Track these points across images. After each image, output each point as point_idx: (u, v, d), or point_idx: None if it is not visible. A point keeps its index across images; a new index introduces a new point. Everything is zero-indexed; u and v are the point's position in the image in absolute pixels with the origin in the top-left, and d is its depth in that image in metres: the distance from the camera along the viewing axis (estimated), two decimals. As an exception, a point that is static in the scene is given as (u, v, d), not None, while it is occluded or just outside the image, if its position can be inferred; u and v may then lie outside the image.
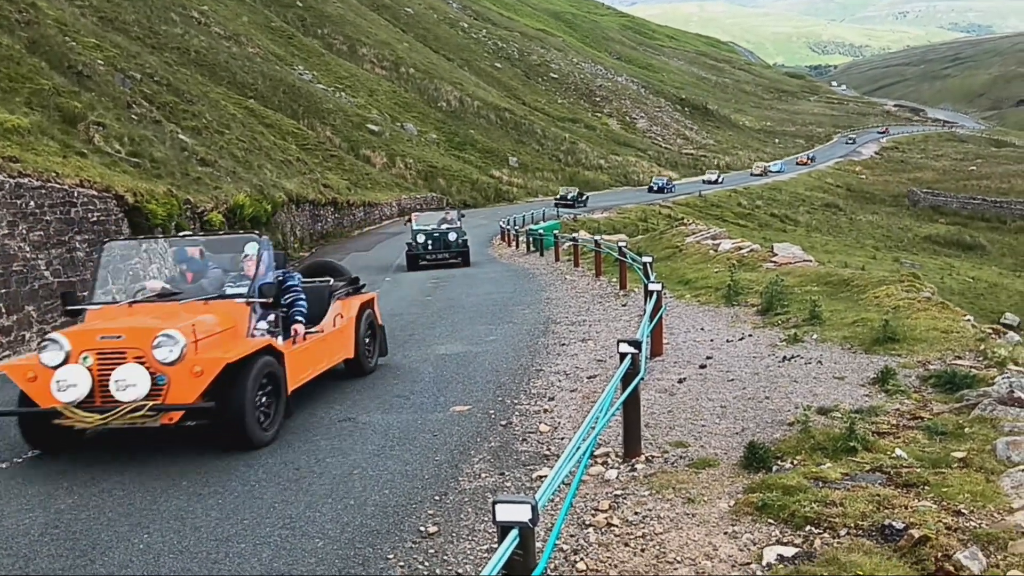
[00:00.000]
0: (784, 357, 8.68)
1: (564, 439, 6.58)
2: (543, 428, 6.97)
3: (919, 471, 5.02)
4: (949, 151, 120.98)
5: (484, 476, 5.92)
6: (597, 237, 21.25)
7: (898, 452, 5.41)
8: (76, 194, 13.97)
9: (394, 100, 70.67)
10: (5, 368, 6.94)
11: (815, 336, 9.48)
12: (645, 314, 8.32)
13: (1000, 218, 71.05)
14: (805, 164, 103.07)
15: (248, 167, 29.87)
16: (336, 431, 7.15)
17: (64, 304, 7.23)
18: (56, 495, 5.88)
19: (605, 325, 11.89)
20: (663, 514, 4.93)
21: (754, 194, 70.90)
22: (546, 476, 4.93)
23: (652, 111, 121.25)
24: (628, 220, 45.74)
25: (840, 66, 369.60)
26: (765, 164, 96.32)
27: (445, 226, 25.07)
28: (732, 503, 4.96)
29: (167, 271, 8.01)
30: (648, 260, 12.13)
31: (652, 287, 9.30)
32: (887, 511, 4.45)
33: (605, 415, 5.07)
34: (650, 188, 68.68)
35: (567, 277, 19.04)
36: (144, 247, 8.21)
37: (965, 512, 4.39)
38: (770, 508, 4.71)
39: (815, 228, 62.28)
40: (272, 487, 5.85)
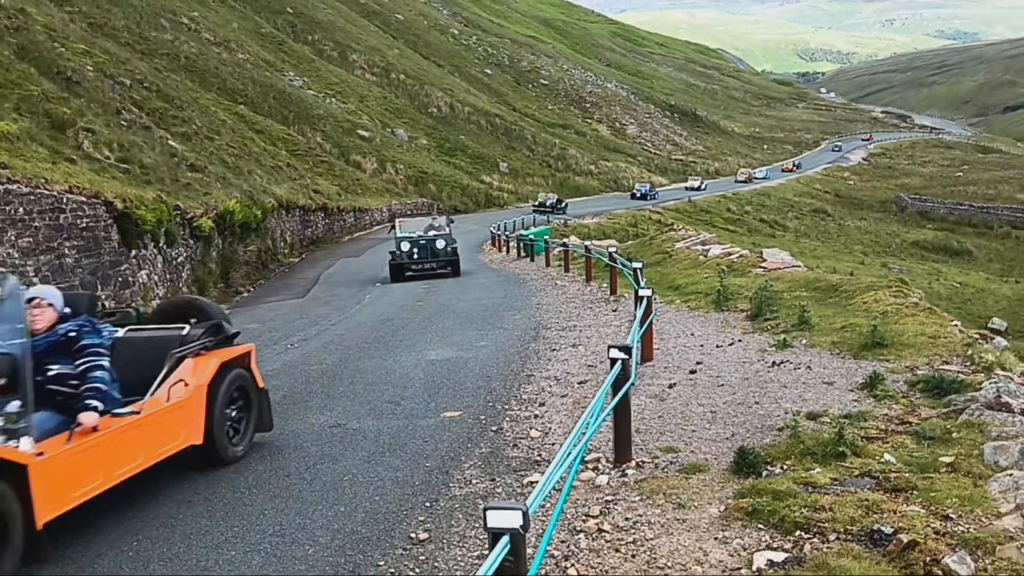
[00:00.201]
0: (773, 362, 8.71)
1: (555, 445, 6.58)
2: (534, 434, 6.97)
3: (908, 476, 5.04)
4: (936, 157, 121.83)
5: (475, 482, 5.92)
6: (587, 242, 21.30)
7: (887, 457, 5.44)
8: (65, 200, 13.92)
9: (384, 106, 70.66)
10: None
11: (804, 341, 9.52)
12: (635, 319, 8.34)
13: (987, 224, 71.60)
14: (791, 171, 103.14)
15: (238, 173, 29.81)
16: (326, 437, 7.13)
17: None
18: (44, 503, 5.84)
19: (595, 330, 11.91)
20: (654, 519, 4.94)
21: (743, 200, 71.18)
22: (537, 482, 4.94)
23: (642, 117, 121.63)
24: (618, 225, 45.88)
25: (828, 73, 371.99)
26: (750, 171, 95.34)
27: (432, 233, 23.36)
28: (722, 508, 4.98)
29: None
30: (638, 265, 12.16)
31: (642, 292, 9.33)
32: (876, 516, 4.47)
33: (596, 421, 5.07)
34: (633, 195, 66.09)
35: (557, 282, 19.07)
36: None
37: (953, 517, 4.41)
38: (760, 513, 4.72)
39: (804, 233, 62.59)
40: (262, 494, 5.83)
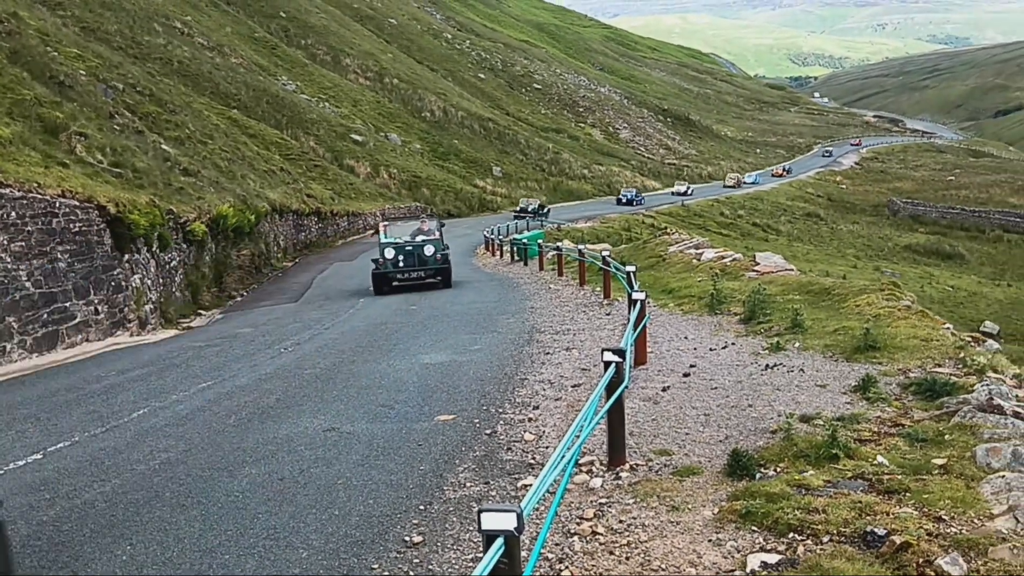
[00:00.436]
0: (767, 365, 8.74)
1: (549, 448, 6.59)
2: (528, 437, 6.98)
3: (900, 478, 5.06)
4: (928, 161, 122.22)
5: (469, 485, 5.92)
6: (581, 246, 21.33)
7: (880, 459, 5.46)
8: (58, 204, 13.88)
9: (378, 110, 70.66)
10: None
11: (797, 344, 9.55)
12: (629, 323, 8.36)
13: (979, 227, 71.83)
14: (781, 176, 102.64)
15: (231, 177, 29.77)
16: (320, 441, 7.13)
17: None
18: (38, 507, 5.83)
19: (589, 334, 11.93)
20: (648, 522, 4.95)
21: (736, 204, 71.27)
22: (531, 485, 4.94)
23: (635, 121, 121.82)
24: (612, 229, 45.88)
25: (820, 77, 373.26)
26: (739, 175, 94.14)
27: (421, 238, 20.71)
28: (716, 511, 4.99)
29: None
30: (632, 269, 12.20)
31: (636, 296, 9.35)
32: (869, 518, 4.49)
33: (590, 424, 5.08)
34: (618, 200, 63.10)
35: (551, 286, 19.09)
36: None
37: (946, 518, 4.44)
38: (754, 515, 4.74)
39: (797, 237, 62.71)
40: (256, 497, 5.82)
